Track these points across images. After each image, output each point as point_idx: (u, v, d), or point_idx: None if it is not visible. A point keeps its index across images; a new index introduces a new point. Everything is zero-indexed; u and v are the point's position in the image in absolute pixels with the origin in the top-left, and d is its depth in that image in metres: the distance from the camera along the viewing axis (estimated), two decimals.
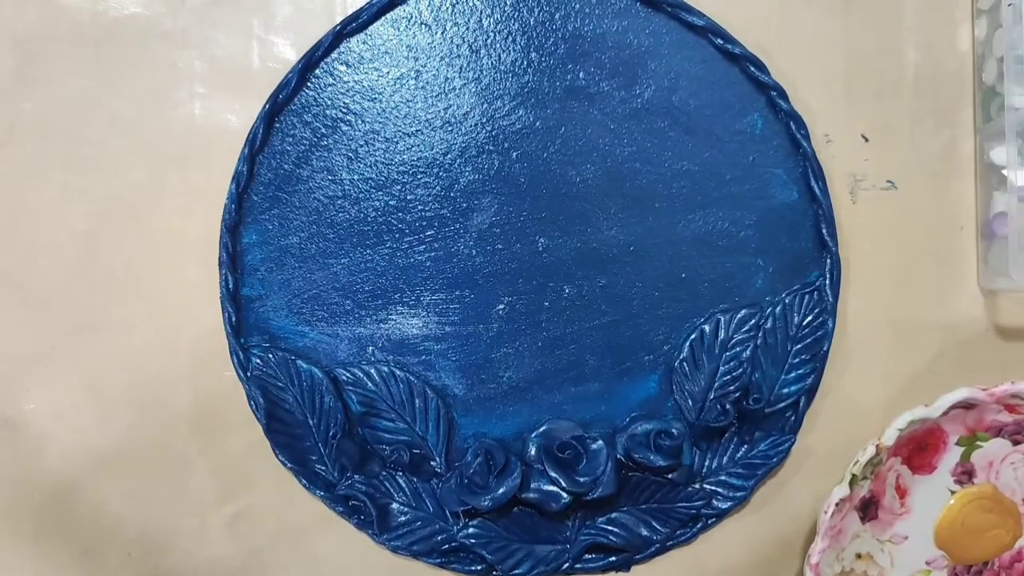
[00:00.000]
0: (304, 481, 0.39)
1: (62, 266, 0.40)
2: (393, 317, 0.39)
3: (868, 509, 0.39)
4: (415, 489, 0.39)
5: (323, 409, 0.39)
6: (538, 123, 0.39)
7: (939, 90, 0.40)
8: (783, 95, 0.39)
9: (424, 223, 0.39)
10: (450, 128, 0.39)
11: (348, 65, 0.39)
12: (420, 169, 0.39)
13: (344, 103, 0.39)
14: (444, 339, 0.39)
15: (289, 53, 0.40)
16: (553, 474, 0.38)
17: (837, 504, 0.35)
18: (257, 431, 0.39)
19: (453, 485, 0.38)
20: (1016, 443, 0.39)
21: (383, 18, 0.39)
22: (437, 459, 0.39)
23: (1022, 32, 0.36)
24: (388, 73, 0.39)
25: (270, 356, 0.39)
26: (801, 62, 0.40)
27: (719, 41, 0.39)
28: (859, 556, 0.39)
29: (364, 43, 0.39)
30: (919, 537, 0.39)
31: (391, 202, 0.39)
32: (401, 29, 0.39)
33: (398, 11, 0.39)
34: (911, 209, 0.40)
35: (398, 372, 0.39)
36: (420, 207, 0.39)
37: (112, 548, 0.40)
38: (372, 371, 0.39)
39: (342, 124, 0.39)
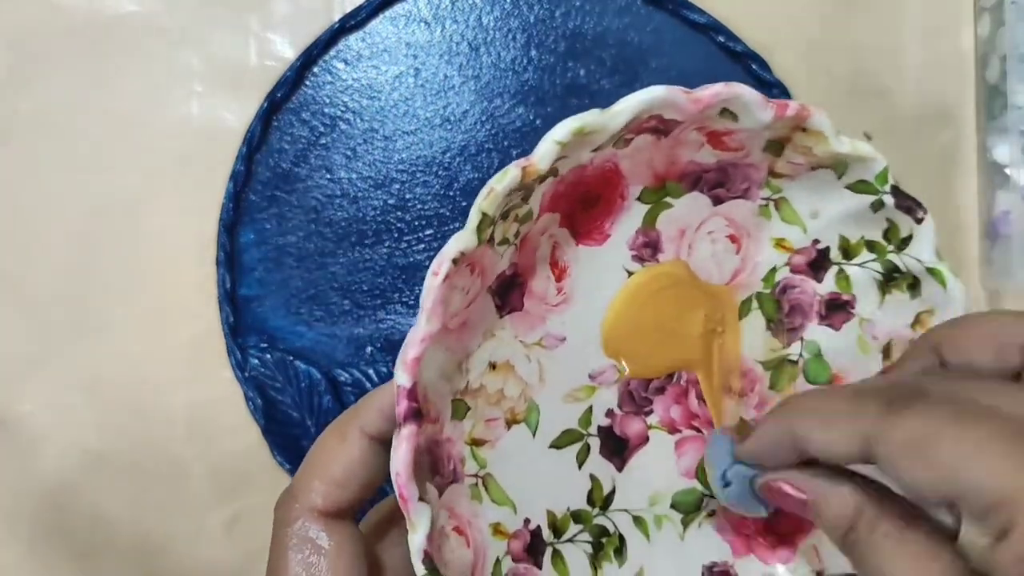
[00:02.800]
0: None
1: (58, 266, 0.39)
2: (392, 317, 0.39)
3: (509, 294, 0.26)
4: None
5: (321, 410, 0.39)
6: (538, 121, 0.39)
7: (942, 88, 0.40)
8: (785, 93, 0.38)
9: (423, 222, 0.39)
10: (449, 126, 0.39)
11: (346, 63, 0.39)
12: (419, 168, 0.39)
13: (342, 101, 0.39)
14: None
15: (287, 51, 0.40)
16: None
17: (455, 262, 0.22)
18: (255, 432, 0.39)
19: None
20: (717, 201, 0.27)
21: (382, 15, 0.39)
22: None
23: None
24: (387, 71, 0.39)
25: (268, 356, 0.39)
26: (803, 60, 0.39)
27: (721, 39, 0.38)
28: (493, 366, 0.25)
29: (363, 41, 0.39)
30: (581, 339, 0.27)
31: (390, 201, 0.39)
32: (400, 26, 0.39)
33: (397, 8, 0.39)
34: None
35: None
36: (419, 206, 0.39)
37: (109, 550, 0.40)
38: (371, 371, 0.39)
39: (340, 122, 0.39)
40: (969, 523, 0.18)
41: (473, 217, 0.22)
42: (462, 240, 0.22)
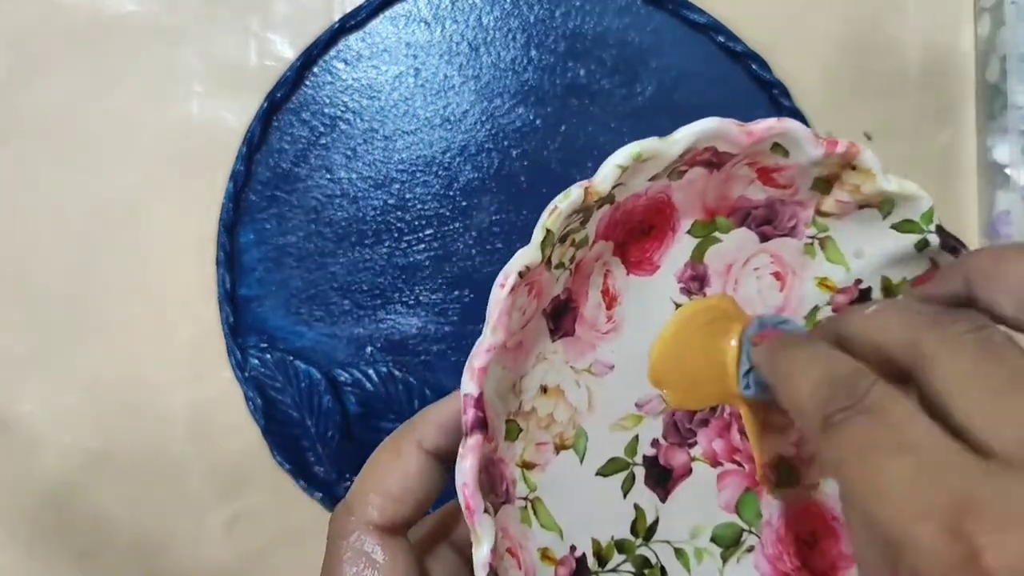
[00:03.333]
0: (302, 482, 0.39)
1: (58, 266, 0.39)
2: (392, 317, 0.39)
3: (562, 318, 0.26)
4: None
5: (321, 410, 0.39)
6: (538, 121, 0.39)
7: (942, 88, 0.40)
8: (785, 93, 0.38)
9: (423, 222, 0.39)
10: (449, 126, 0.39)
11: (346, 63, 0.39)
12: (419, 167, 0.39)
13: (342, 101, 0.39)
14: (443, 339, 0.39)
15: (287, 51, 0.40)
16: None
17: (521, 275, 0.22)
18: (255, 432, 0.39)
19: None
20: (764, 238, 0.28)
21: (382, 15, 0.39)
22: None
23: None
24: (387, 71, 0.39)
25: (268, 356, 0.39)
26: (803, 60, 0.39)
27: (721, 39, 0.38)
28: (545, 390, 0.26)
29: (363, 40, 0.39)
30: (629, 368, 0.27)
31: (390, 201, 0.39)
32: (400, 26, 0.39)
33: (397, 8, 0.39)
34: None
35: (397, 372, 0.39)
36: (419, 206, 0.39)
37: (109, 550, 0.39)
38: (371, 371, 0.39)
39: (340, 122, 0.39)
40: None
41: (538, 233, 0.22)
42: (527, 255, 0.22)
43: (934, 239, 0.26)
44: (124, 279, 0.39)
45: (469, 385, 0.21)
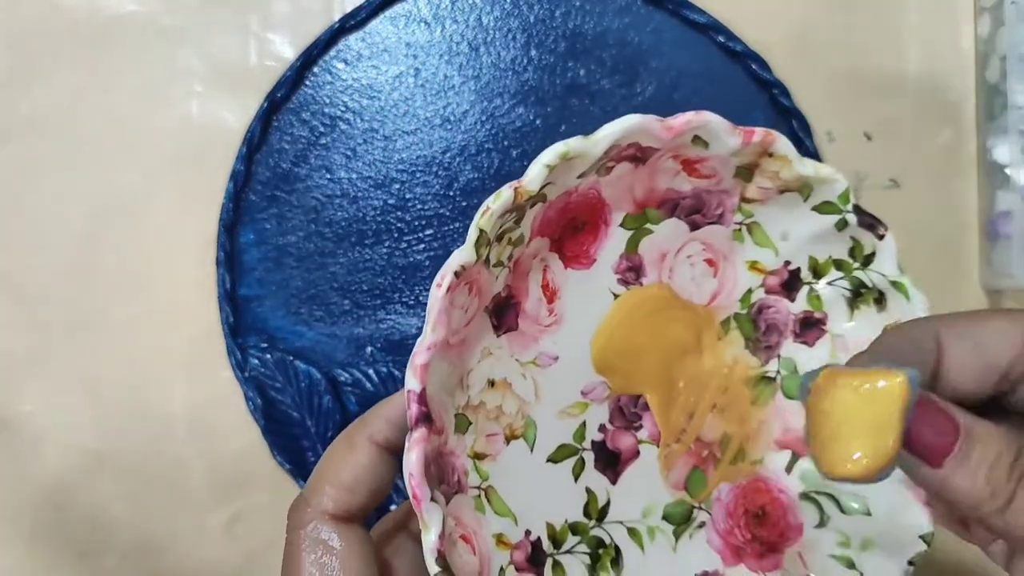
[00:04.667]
0: (302, 482, 0.39)
1: (58, 266, 0.39)
2: (392, 317, 0.39)
3: (505, 314, 0.27)
4: None
5: (321, 410, 0.39)
6: (538, 121, 0.39)
7: (942, 88, 0.40)
8: (785, 93, 0.38)
9: (423, 222, 0.39)
10: (449, 126, 0.39)
11: (346, 63, 0.39)
12: (419, 167, 0.39)
13: (342, 101, 0.39)
14: None
15: (287, 51, 0.40)
16: None
17: (457, 274, 0.23)
18: (255, 432, 0.39)
19: None
20: (694, 227, 0.29)
21: (382, 15, 0.39)
22: None
23: None
24: (387, 71, 0.39)
25: (268, 356, 0.39)
26: (803, 60, 0.39)
27: (721, 39, 0.38)
28: (492, 383, 0.27)
29: (362, 40, 0.39)
30: (573, 357, 0.28)
31: (390, 201, 0.39)
32: (400, 26, 0.39)
33: (397, 8, 0.39)
34: (914, 208, 0.40)
35: (397, 373, 0.39)
36: (419, 206, 0.39)
37: (109, 550, 0.39)
38: (371, 371, 0.39)
39: (340, 122, 0.39)
40: None
41: (472, 233, 0.24)
42: (463, 255, 0.23)
43: (852, 218, 0.28)
44: (124, 279, 0.39)
45: (412, 381, 0.22)
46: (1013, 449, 0.19)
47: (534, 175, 0.24)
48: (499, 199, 0.23)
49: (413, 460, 0.22)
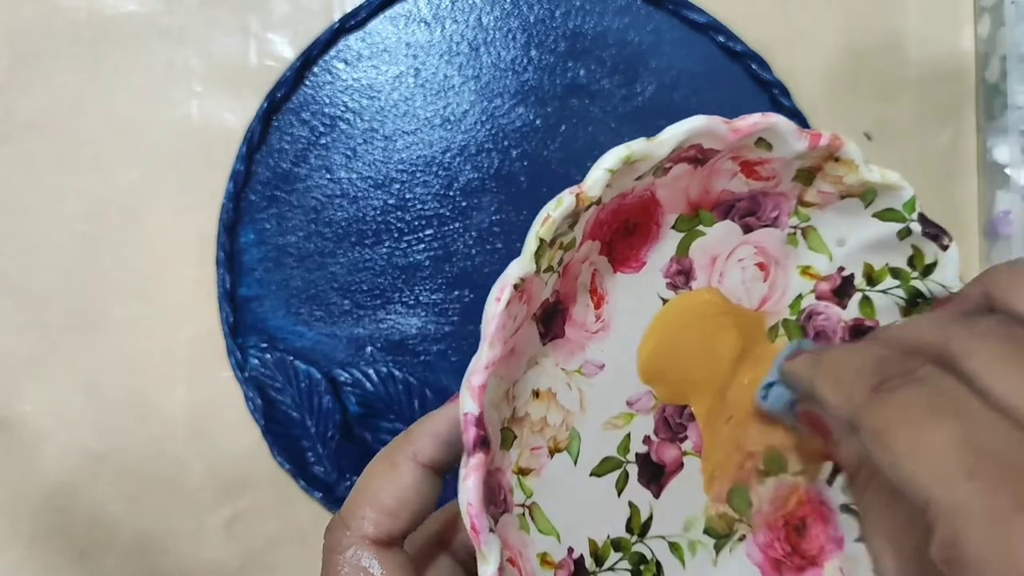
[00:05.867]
0: (302, 482, 0.39)
1: (58, 266, 0.39)
2: (392, 317, 0.39)
3: (552, 321, 0.26)
4: None
5: (321, 410, 0.39)
6: (538, 121, 0.39)
7: (942, 88, 0.40)
8: (785, 93, 0.38)
9: (423, 222, 0.39)
10: (449, 126, 0.39)
11: (346, 63, 0.39)
12: (419, 167, 0.39)
13: (342, 101, 0.39)
14: (443, 339, 0.39)
15: (287, 51, 0.40)
16: None
17: (516, 287, 0.22)
18: (255, 432, 0.39)
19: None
20: (747, 230, 0.28)
21: (382, 15, 0.39)
22: None
23: None
24: (387, 71, 0.39)
25: (268, 356, 0.39)
26: (803, 60, 0.39)
27: (721, 39, 0.38)
28: (536, 394, 0.25)
29: (362, 40, 0.39)
30: (619, 366, 0.27)
31: (390, 201, 0.39)
32: (400, 26, 0.39)
33: (397, 8, 0.39)
34: None
35: (397, 373, 0.39)
36: (419, 206, 0.39)
37: (109, 550, 0.40)
38: (371, 371, 0.39)
39: (340, 122, 0.39)
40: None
41: (531, 243, 0.22)
42: (522, 266, 0.22)
43: (916, 227, 0.27)
44: (124, 279, 0.39)
45: (469, 403, 0.21)
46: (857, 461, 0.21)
47: (595, 179, 0.23)
48: (560, 206, 0.22)
49: (471, 488, 0.21)
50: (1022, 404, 0.18)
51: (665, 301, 0.28)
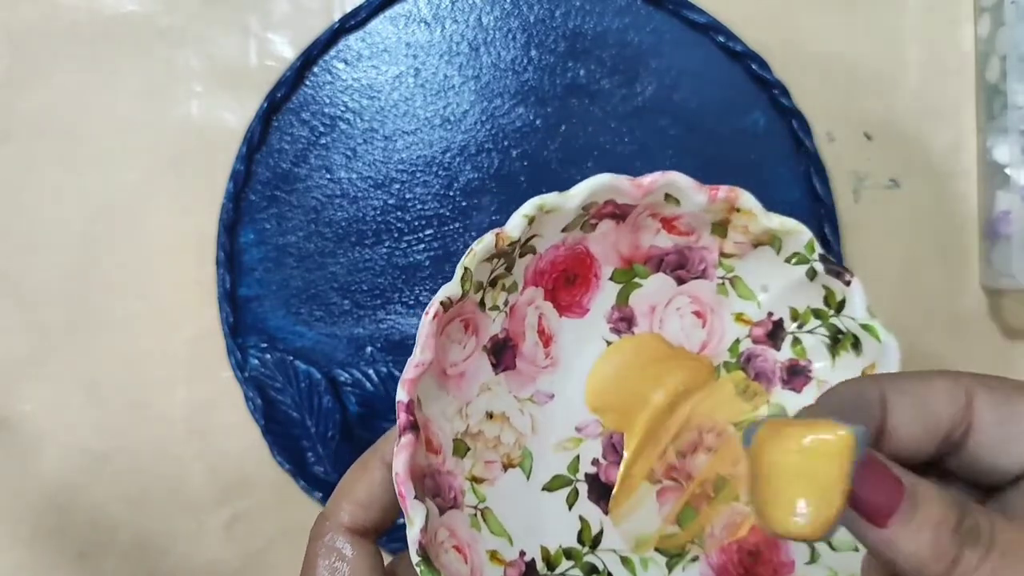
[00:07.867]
0: (302, 482, 0.39)
1: (58, 266, 0.39)
2: (392, 317, 0.39)
3: (503, 354, 0.29)
4: None
5: (321, 410, 0.39)
6: (538, 121, 0.39)
7: (942, 88, 0.40)
8: (785, 93, 0.38)
9: (423, 222, 0.39)
10: (449, 126, 0.39)
11: (346, 63, 0.39)
12: (419, 168, 0.39)
13: (342, 101, 0.39)
14: None
15: (287, 51, 0.40)
16: None
17: (443, 304, 0.26)
18: (255, 432, 0.39)
19: None
20: (680, 282, 0.31)
21: (382, 15, 0.39)
22: None
23: None
24: (387, 71, 0.39)
25: (268, 356, 0.39)
26: (803, 60, 0.39)
27: (721, 39, 0.38)
28: (491, 416, 0.29)
29: (362, 40, 0.39)
30: (568, 397, 0.30)
31: (390, 201, 0.39)
32: (400, 26, 0.39)
33: (397, 8, 0.39)
34: (914, 208, 0.40)
35: (397, 373, 0.39)
36: (419, 206, 0.39)
37: (109, 550, 0.40)
38: (371, 371, 0.39)
39: (340, 122, 0.39)
40: None
41: (457, 271, 0.26)
42: (449, 288, 0.26)
43: (820, 267, 0.29)
44: (124, 279, 0.39)
45: (401, 394, 0.25)
46: (956, 511, 0.19)
47: (514, 224, 0.26)
48: (482, 243, 0.26)
49: (400, 461, 0.24)
50: None
51: (609, 343, 0.31)
